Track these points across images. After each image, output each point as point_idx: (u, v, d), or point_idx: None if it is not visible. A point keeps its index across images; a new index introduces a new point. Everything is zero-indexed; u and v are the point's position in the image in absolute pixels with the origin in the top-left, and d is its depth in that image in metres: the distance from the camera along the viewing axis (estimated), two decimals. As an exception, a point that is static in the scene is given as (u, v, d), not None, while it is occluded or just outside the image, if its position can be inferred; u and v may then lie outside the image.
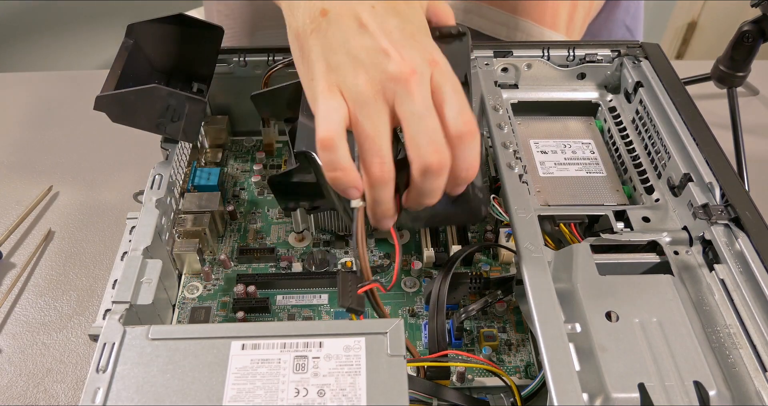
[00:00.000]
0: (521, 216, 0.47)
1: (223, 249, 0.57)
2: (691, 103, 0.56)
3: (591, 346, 0.40)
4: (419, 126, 0.38)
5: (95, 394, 0.37)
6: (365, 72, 0.39)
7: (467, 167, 0.40)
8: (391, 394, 0.37)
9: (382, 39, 0.39)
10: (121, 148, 0.73)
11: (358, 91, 0.39)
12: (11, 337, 0.54)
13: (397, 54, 0.39)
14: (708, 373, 0.38)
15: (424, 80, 0.39)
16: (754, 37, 0.69)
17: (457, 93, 0.40)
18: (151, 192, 0.51)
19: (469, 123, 0.39)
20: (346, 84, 0.39)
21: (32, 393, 0.50)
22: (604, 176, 0.57)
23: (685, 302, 0.43)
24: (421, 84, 0.39)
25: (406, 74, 0.38)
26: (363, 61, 0.39)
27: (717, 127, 0.57)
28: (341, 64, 0.39)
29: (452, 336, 0.49)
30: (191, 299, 0.53)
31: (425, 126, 0.38)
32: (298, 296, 0.53)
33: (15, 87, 0.84)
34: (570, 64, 0.64)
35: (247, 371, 0.38)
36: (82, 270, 0.60)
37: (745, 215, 0.46)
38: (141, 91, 0.49)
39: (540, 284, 0.42)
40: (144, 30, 0.56)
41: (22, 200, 0.67)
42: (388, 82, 0.38)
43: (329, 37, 0.40)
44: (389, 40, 0.39)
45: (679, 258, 0.47)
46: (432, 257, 0.55)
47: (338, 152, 0.39)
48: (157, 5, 0.67)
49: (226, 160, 0.66)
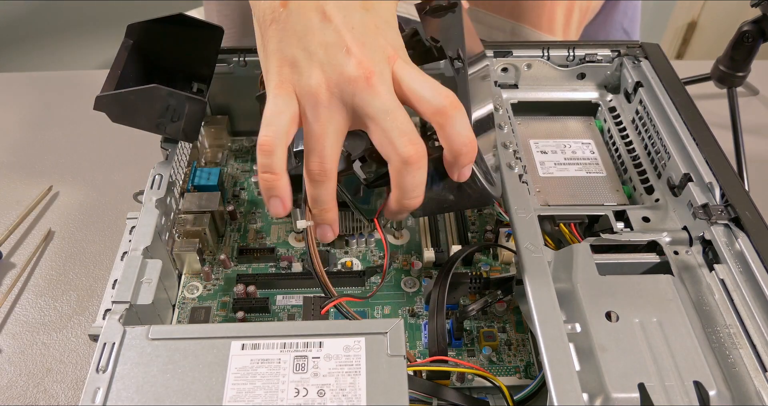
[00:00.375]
0: (521, 216, 0.47)
1: (223, 249, 0.57)
2: (691, 103, 0.56)
3: (591, 346, 0.40)
4: (388, 122, 0.37)
5: (95, 394, 0.37)
6: (321, 70, 0.37)
7: (464, 142, 0.38)
8: (391, 394, 0.37)
9: (346, 34, 0.37)
10: (121, 148, 0.73)
11: (311, 92, 0.38)
12: (11, 337, 0.54)
13: (358, 52, 0.37)
14: (708, 373, 0.38)
15: (385, 77, 0.38)
16: (754, 37, 0.69)
17: (422, 75, 0.39)
18: (151, 192, 0.51)
19: (448, 96, 0.38)
20: (299, 82, 0.38)
21: (32, 393, 0.50)
22: (604, 176, 0.57)
23: (685, 302, 0.43)
24: (382, 82, 0.37)
25: (366, 75, 0.37)
26: (320, 58, 0.37)
27: (717, 127, 0.57)
28: (296, 59, 0.38)
29: (452, 336, 0.49)
30: (191, 299, 0.53)
31: (394, 120, 0.38)
32: (298, 296, 0.53)
33: (15, 87, 0.84)
34: (570, 64, 0.64)
35: (247, 371, 0.38)
36: (82, 270, 0.60)
37: (745, 215, 0.46)
38: (141, 91, 0.49)
39: (540, 284, 0.42)
40: (144, 30, 0.56)
41: (22, 200, 0.67)
42: (347, 85, 0.37)
43: (288, 28, 0.38)
44: (352, 36, 0.37)
45: (679, 258, 0.47)
46: (432, 257, 0.55)
47: (274, 158, 0.38)
48: (157, 5, 0.67)
49: (226, 160, 0.66)
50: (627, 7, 0.87)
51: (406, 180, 0.39)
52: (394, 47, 0.39)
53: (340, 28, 0.37)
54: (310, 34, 0.38)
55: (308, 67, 0.38)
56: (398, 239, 0.58)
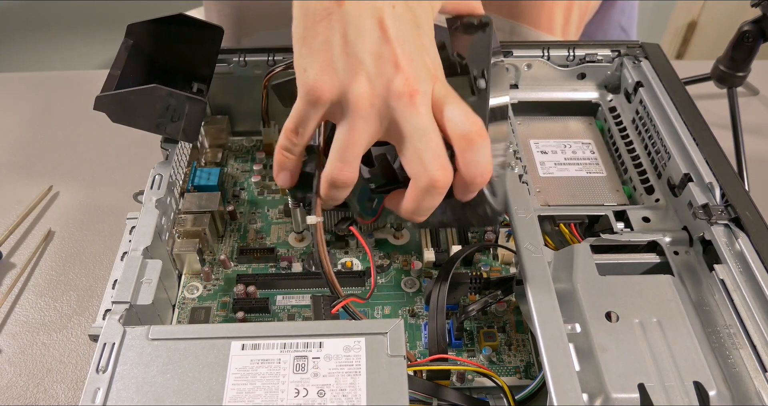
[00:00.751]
0: (521, 216, 0.47)
1: (223, 249, 0.57)
2: (691, 103, 0.56)
3: (591, 346, 0.40)
4: (423, 142, 0.37)
5: (95, 394, 0.37)
6: (367, 80, 0.37)
7: (481, 172, 0.38)
8: (391, 394, 0.37)
9: (397, 47, 0.37)
10: (121, 148, 0.73)
11: (352, 101, 0.37)
12: (11, 337, 0.54)
13: (407, 68, 0.37)
14: (708, 373, 0.38)
15: (427, 97, 0.37)
16: (754, 37, 0.69)
17: (459, 102, 0.39)
18: (151, 192, 0.51)
19: (476, 124, 0.38)
20: (341, 88, 0.37)
21: (32, 393, 0.50)
22: (604, 176, 0.57)
23: (685, 303, 0.43)
24: (424, 101, 0.37)
25: (411, 92, 0.36)
26: (368, 67, 0.37)
27: (717, 127, 0.57)
28: (343, 63, 0.37)
29: (452, 336, 0.49)
30: (191, 299, 0.53)
31: (429, 141, 0.37)
32: (298, 296, 0.53)
33: (15, 87, 0.84)
34: (570, 64, 0.64)
35: (247, 372, 0.38)
36: (82, 270, 0.60)
37: (745, 215, 0.46)
38: (141, 91, 0.49)
39: (540, 284, 0.42)
40: (144, 30, 0.56)
41: (22, 200, 0.67)
42: (390, 100, 0.37)
43: (340, 30, 0.37)
44: (402, 51, 0.37)
45: (679, 258, 0.47)
46: (432, 257, 0.55)
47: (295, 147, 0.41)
48: (157, 5, 0.67)
49: (226, 160, 0.66)
50: (624, 5, 0.88)
51: (425, 200, 0.39)
52: (435, 68, 0.39)
53: (393, 41, 0.37)
54: (362, 40, 0.37)
55: (354, 74, 0.37)
56: (398, 239, 0.58)
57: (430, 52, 0.40)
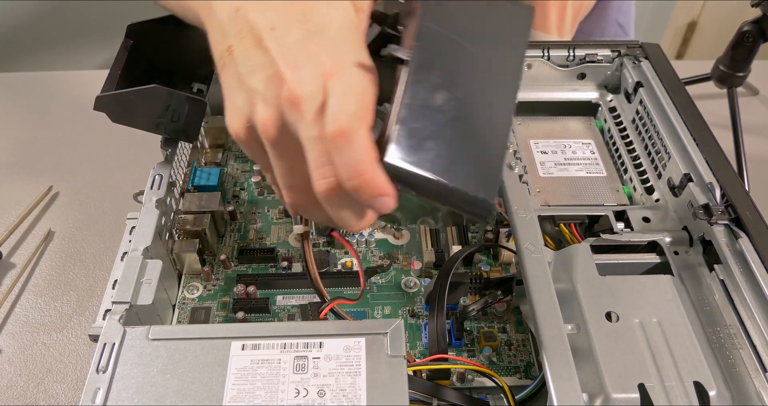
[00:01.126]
0: (521, 216, 0.47)
1: (223, 249, 0.57)
2: (691, 103, 0.56)
3: (591, 346, 0.40)
4: (310, 151, 0.34)
5: (95, 394, 0.37)
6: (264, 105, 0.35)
7: (348, 176, 0.33)
8: (391, 394, 0.37)
9: (279, 61, 0.35)
10: (121, 148, 0.73)
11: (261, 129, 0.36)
12: (11, 337, 0.54)
13: (290, 76, 0.34)
14: (708, 373, 0.38)
15: (315, 99, 0.34)
16: (754, 37, 0.69)
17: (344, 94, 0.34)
18: (151, 192, 0.51)
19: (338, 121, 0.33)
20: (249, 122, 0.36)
21: (32, 393, 0.50)
22: (604, 176, 0.57)
23: (685, 303, 0.43)
24: (311, 105, 0.34)
25: (293, 99, 0.34)
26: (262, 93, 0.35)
27: (717, 127, 0.57)
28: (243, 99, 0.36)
29: (452, 336, 0.49)
30: (191, 299, 0.53)
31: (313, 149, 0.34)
32: (298, 296, 0.53)
33: (15, 87, 0.84)
34: (570, 65, 0.64)
35: (247, 372, 0.38)
36: (82, 270, 0.60)
37: (745, 215, 0.46)
38: (141, 91, 0.49)
39: (540, 284, 0.42)
40: (144, 30, 0.56)
41: (22, 200, 0.67)
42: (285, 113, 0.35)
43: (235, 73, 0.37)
44: (284, 62, 0.35)
45: (679, 258, 0.47)
46: (432, 257, 0.55)
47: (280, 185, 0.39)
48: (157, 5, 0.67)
49: (226, 160, 0.66)
50: (621, 2, 0.88)
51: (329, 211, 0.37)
52: (338, 62, 0.35)
53: (275, 57, 0.35)
54: (252, 72, 0.36)
55: (252, 105, 0.36)
56: (398, 239, 0.58)
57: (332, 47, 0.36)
